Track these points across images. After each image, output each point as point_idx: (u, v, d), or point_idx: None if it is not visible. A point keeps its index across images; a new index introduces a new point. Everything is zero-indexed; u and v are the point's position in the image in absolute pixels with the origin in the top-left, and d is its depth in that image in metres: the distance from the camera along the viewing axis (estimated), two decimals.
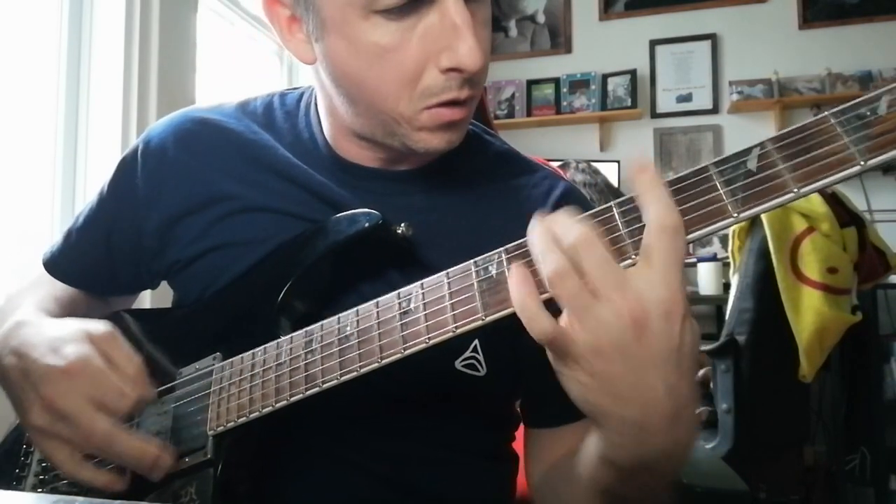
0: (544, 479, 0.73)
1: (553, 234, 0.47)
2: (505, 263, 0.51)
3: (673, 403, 0.47)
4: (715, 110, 3.77)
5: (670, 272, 0.45)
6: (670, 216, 0.45)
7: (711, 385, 2.06)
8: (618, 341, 0.45)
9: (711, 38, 3.79)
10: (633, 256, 0.47)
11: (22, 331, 0.70)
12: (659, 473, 0.52)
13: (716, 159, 0.45)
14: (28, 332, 0.69)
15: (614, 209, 0.49)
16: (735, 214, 0.43)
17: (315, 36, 0.67)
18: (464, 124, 0.69)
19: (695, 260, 3.04)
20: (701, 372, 2.18)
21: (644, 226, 0.46)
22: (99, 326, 0.67)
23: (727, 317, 2.00)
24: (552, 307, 0.47)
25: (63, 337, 0.66)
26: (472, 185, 0.77)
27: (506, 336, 0.68)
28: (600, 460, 0.54)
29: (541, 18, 4.07)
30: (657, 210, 0.45)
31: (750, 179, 0.43)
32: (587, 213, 0.49)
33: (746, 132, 3.67)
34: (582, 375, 0.47)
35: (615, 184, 3.11)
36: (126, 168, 0.82)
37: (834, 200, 1.88)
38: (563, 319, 0.47)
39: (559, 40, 4.02)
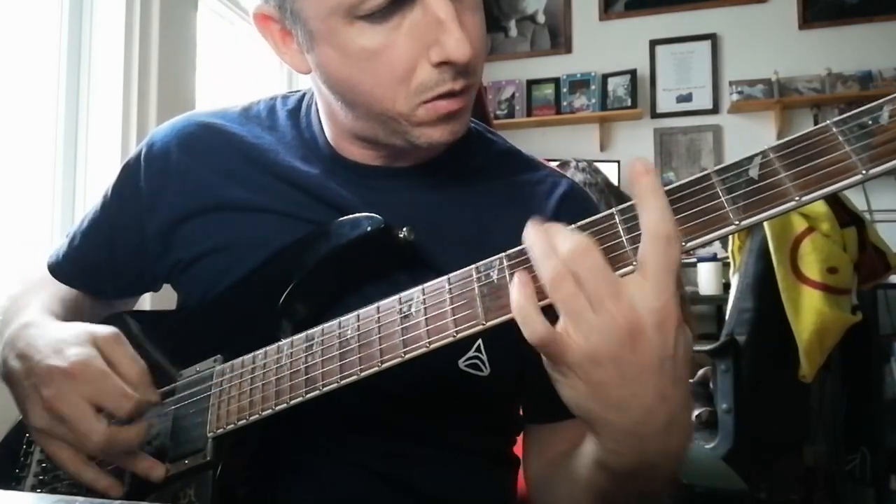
0: (543, 474, 0.73)
1: (550, 240, 0.47)
2: (506, 269, 0.51)
3: (666, 412, 0.48)
4: (715, 110, 3.77)
5: (662, 281, 0.45)
6: (664, 225, 0.45)
7: (711, 385, 2.06)
8: (612, 349, 0.46)
9: (711, 38, 3.79)
10: (634, 264, 0.47)
11: (28, 332, 0.70)
12: (654, 478, 0.53)
13: (718, 167, 0.45)
14: (33, 333, 0.70)
15: (616, 216, 0.49)
16: (736, 222, 0.43)
17: (306, 47, 0.68)
18: (464, 114, 0.69)
19: (695, 260, 3.04)
20: (700, 372, 2.19)
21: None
22: (104, 329, 0.67)
23: (727, 317, 2.00)
24: (550, 314, 0.47)
25: (67, 339, 0.66)
26: (474, 182, 0.77)
27: (509, 336, 0.68)
28: (596, 464, 0.55)
29: (541, 18, 4.06)
30: (651, 218, 0.46)
31: (752, 187, 0.43)
32: (588, 220, 0.50)
33: (746, 132, 3.67)
34: (576, 382, 0.48)
35: (615, 183, 3.11)
36: (129, 172, 0.82)
37: (834, 200, 1.88)
38: (560, 325, 0.47)
39: (559, 40, 4.02)
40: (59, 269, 0.86)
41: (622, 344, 0.45)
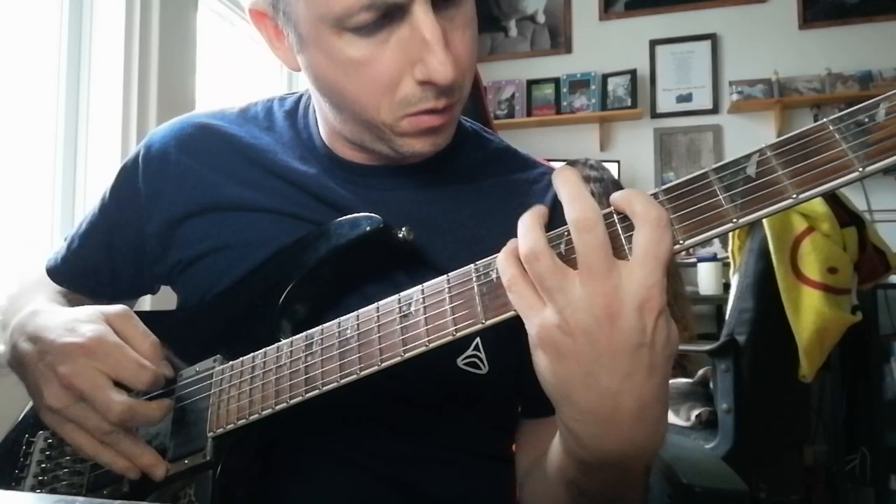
0: (528, 470, 0.74)
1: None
2: None
3: (636, 402, 0.47)
4: (715, 110, 3.78)
5: (650, 266, 0.45)
6: (654, 209, 0.46)
7: (711, 385, 2.06)
8: (587, 325, 0.46)
9: (711, 38, 3.79)
10: (629, 259, 0.47)
11: (37, 318, 0.70)
12: (620, 471, 0.52)
13: (715, 165, 0.45)
14: (43, 317, 0.70)
15: (615, 214, 0.49)
16: (734, 220, 0.43)
17: (296, 48, 0.69)
18: (447, 128, 0.70)
19: (695, 260, 3.04)
20: (700, 372, 2.19)
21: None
22: (114, 307, 0.68)
23: (727, 317, 1.99)
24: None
25: (79, 317, 0.66)
26: (471, 180, 0.78)
27: (508, 334, 0.68)
28: (564, 452, 0.55)
29: (541, 18, 4.07)
30: (643, 204, 0.46)
31: (749, 185, 0.43)
32: None
33: (746, 132, 3.67)
34: (550, 350, 0.48)
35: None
36: (127, 173, 0.82)
37: (834, 200, 1.88)
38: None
39: (559, 40, 4.02)
40: (58, 273, 0.86)
41: (598, 322, 0.45)
